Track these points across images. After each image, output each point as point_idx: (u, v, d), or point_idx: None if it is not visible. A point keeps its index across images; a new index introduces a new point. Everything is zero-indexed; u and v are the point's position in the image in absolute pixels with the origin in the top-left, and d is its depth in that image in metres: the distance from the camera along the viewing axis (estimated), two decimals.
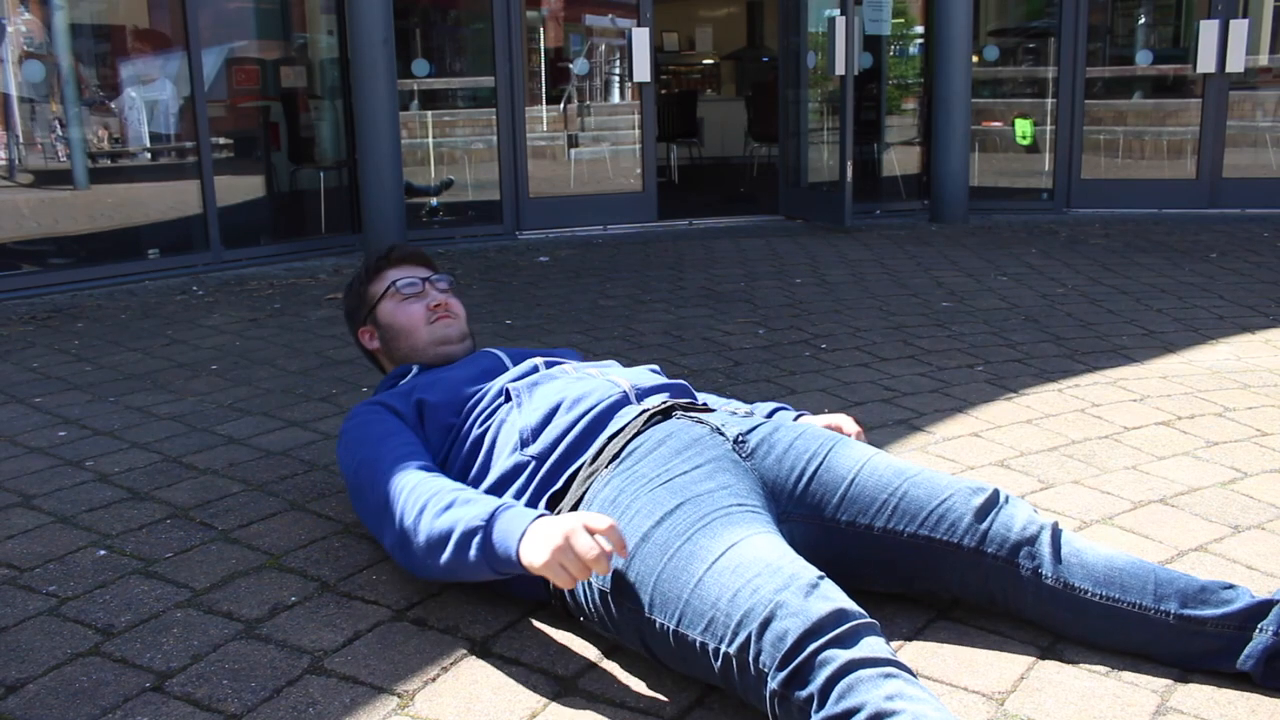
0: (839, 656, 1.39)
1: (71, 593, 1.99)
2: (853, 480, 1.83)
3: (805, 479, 1.84)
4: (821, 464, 1.86)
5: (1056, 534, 1.77)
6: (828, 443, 1.90)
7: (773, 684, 1.43)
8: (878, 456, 1.89)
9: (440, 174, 6.89)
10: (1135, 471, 2.53)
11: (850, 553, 1.83)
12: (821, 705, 1.37)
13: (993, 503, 1.80)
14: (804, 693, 1.39)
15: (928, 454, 2.65)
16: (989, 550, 1.77)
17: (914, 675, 1.41)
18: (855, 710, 1.34)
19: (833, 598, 1.46)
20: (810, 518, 1.84)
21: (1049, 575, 1.74)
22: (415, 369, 2.28)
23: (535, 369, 2.15)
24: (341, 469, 2.08)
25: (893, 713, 1.32)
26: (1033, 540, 1.76)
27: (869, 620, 1.45)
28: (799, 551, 1.63)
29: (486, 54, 6.44)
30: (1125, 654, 1.73)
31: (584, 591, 1.73)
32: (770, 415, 2.15)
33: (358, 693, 1.67)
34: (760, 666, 1.45)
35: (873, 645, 1.41)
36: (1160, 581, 1.70)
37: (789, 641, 1.42)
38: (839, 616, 1.43)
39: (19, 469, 2.66)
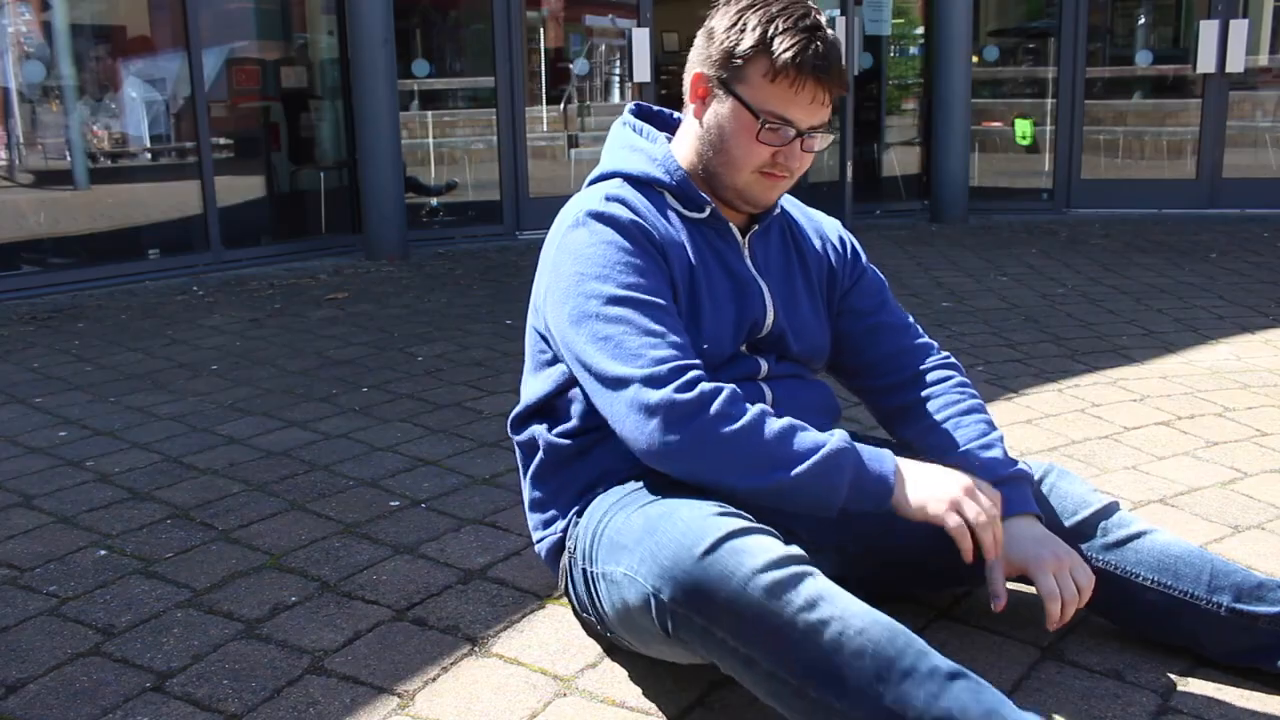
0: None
1: (72, 593, 2.00)
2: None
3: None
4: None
5: (1111, 515, 1.68)
6: None
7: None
8: None
9: (441, 174, 6.89)
10: (1135, 471, 2.53)
11: (892, 571, 1.78)
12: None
13: (1043, 480, 1.72)
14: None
15: None
16: None
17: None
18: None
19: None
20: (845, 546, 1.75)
21: (1100, 559, 1.67)
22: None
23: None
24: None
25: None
26: (1086, 524, 1.68)
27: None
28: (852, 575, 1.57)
29: (486, 54, 6.44)
30: (1151, 649, 1.73)
31: (579, 576, 1.66)
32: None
33: (358, 693, 1.67)
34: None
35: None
36: (1216, 573, 1.63)
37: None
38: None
39: (19, 469, 2.67)
